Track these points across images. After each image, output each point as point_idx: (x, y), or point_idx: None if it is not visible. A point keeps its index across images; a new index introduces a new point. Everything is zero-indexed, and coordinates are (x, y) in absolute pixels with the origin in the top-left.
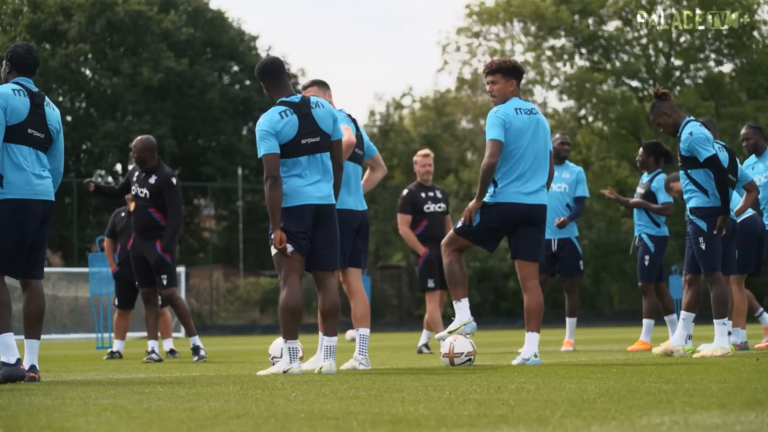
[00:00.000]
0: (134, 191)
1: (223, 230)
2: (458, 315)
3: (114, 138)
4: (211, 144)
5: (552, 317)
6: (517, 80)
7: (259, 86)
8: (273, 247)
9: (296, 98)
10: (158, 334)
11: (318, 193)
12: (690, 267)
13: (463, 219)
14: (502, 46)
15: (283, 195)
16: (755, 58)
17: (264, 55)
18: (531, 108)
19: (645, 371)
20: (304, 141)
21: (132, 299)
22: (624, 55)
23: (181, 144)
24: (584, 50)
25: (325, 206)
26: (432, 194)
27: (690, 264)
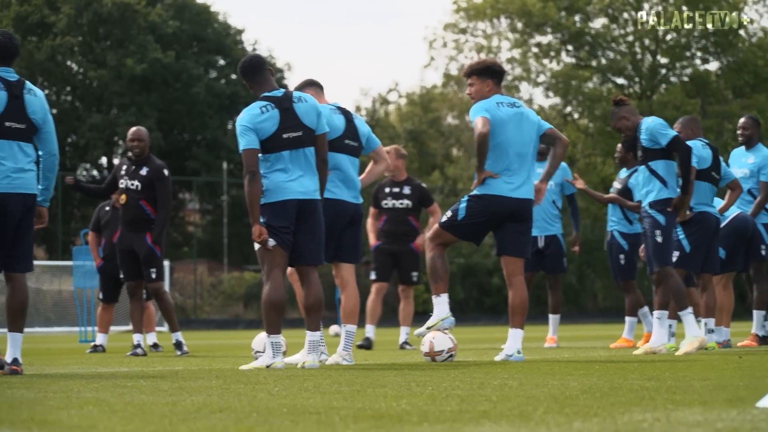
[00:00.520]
0: (123, 184)
1: (208, 224)
2: (436, 310)
3: (100, 131)
4: (197, 138)
5: (536, 314)
6: (494, 79)
7: None
8: (256, 242)
9: (278, 93)
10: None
11: (301, 188)
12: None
13: (451, 211)
14: (489, 43)
15: (266, 190)
16: (741, 57)
17: (250, 50)
18: (513, 102)
19: (628, 368)
20: (286, 135)
21: (116, 293)
22: (610, 53)
23: (167, 137)
24: (570, 47)
25: (309, 201)
26: (397, 190)
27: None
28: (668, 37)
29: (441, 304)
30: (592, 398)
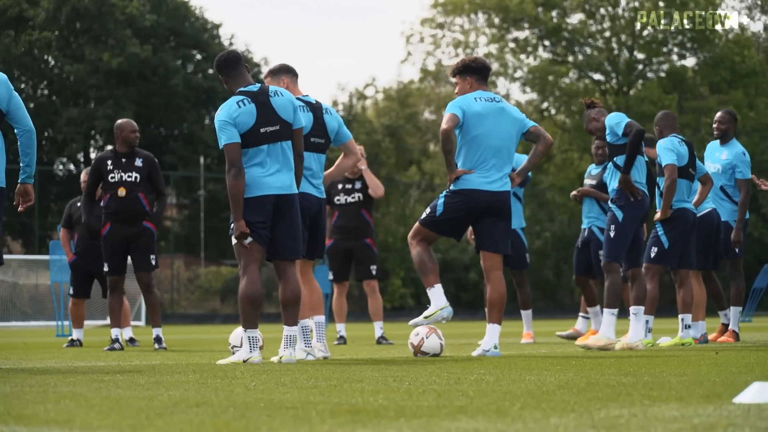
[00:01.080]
0: (116, 178)
1: (185, 219)
2: (433, 301)
3: (77, 125)
4: (174, 132)
5: (513, 308)
6: (474, 75)
7: None
8: (233, 237)
9: (254, 87)
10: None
11: (278, 183)
12: (630, 261)
13: (430, 208)
14: (467, 38)
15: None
16: (718, 53)
17: (227, 44)
18: (493, 97)
19: (604, 364)
20: (263, 130)
21: (88, 288)
22: (587, 48)
23: (144, 131)
24: (547, 42)
25: (286, 196)
26: (349, 186)
27: (629, 258)
28: (645, 33)
29: (436, 295)
30: (569, 394)
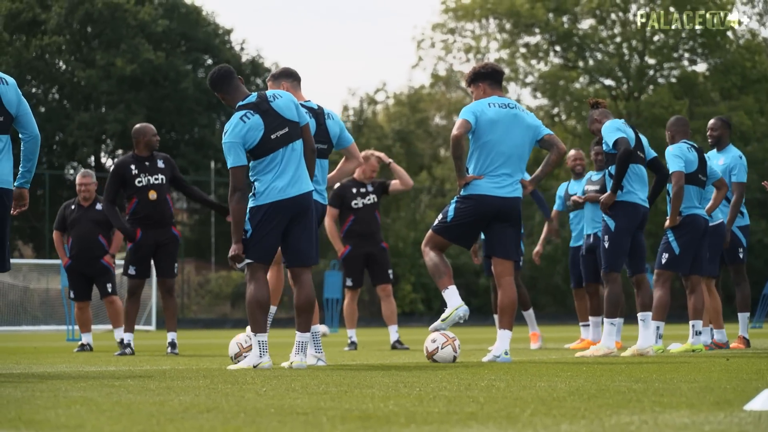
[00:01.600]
0: (143, 182)
1: (195, 224)
2: (449, 302)
3: (88, 129)
4: (185, 137)
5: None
6: (486, 81)
7: None
8: (228, 258)
9: (252, 98)
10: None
11: (294, 189)
12: (633, 268)
13: (441, 214)
14: (477, 43)
15: (260, 193)
16: (729, 58)
17: (238, 49)
18: (507, 102)
19: (615, 370)
20: (274, 135)
21: (88, 291)
22: (598, 54)
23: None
24: (558, 48)
25: (302, 201)
26: (363, 189)
27: (632, 265)
28: (656, 38)
29: (452, 296)
30: (580, 400)
